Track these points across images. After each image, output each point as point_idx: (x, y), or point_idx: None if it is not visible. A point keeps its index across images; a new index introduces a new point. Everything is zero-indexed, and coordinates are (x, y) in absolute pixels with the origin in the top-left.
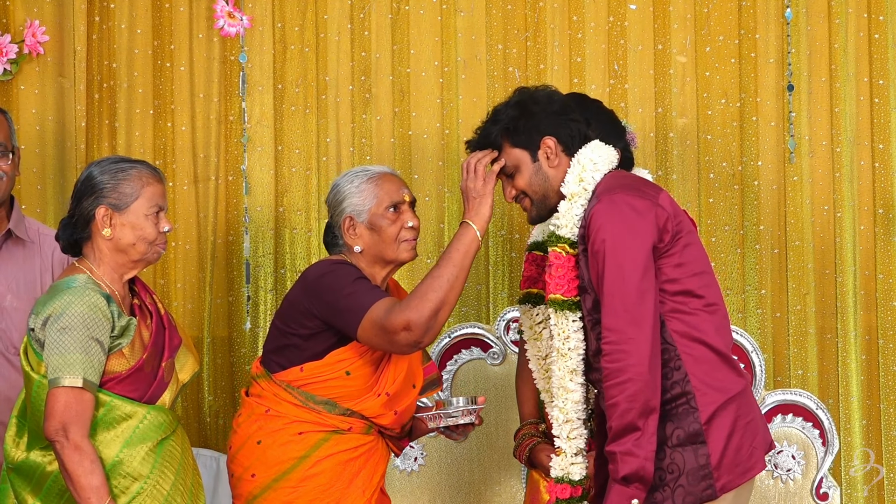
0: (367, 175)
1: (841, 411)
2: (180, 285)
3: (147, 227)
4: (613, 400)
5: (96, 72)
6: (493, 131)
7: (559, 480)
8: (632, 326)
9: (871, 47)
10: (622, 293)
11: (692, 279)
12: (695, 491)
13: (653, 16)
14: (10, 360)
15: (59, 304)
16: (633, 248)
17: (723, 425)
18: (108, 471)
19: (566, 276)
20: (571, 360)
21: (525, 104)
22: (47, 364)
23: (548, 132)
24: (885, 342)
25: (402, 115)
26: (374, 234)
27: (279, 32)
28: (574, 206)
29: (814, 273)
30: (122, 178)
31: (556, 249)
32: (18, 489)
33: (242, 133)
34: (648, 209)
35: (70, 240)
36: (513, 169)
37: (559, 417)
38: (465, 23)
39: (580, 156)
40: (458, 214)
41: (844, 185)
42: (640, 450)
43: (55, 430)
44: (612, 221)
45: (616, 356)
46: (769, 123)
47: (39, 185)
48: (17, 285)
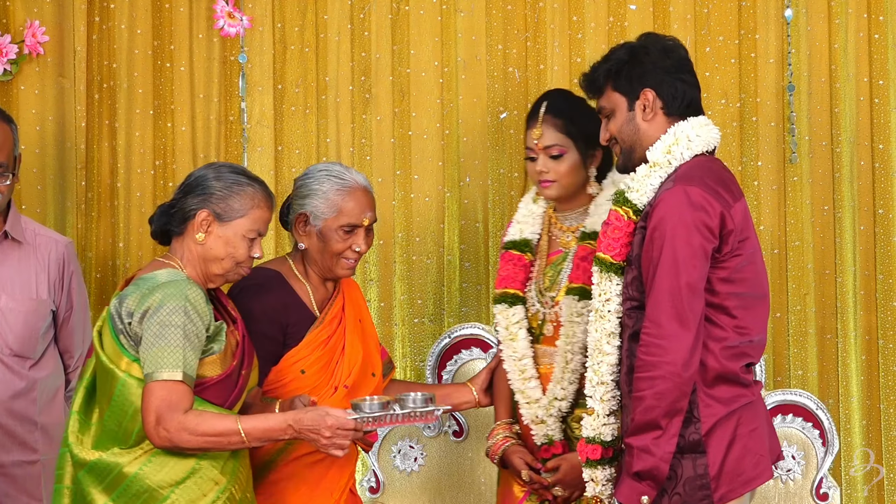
0: (339, 184)
1: (841, 411)
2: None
3: (241, 247)
4: (641, 393)
5: (96, 72)
6: (600, 70)
7: (591, 441)
8: (675, 323)
9: (871, 47)
10: (673, 288)
11: (732, 298)
12: (691, 500)
13: (653, 16)
14: (6, 361)
15: (159, 298)
16: (695, 248)
17: (723, 436)
18: (189, 474)
19: (621, 240)
20: (610, 322)
21: (637, 51)
22: (144, 358)
23: (650, 84)
24: (885, 342)
25: (402, 115)
26: (320, 242)
27: (279, 32)
28: (652, 176)
29: (814, 273)
30: (236, 191)
31: (620, 211)
32: (88, 487)
33: (242, 133)
34: (717, 213)
35: (163, 228)
36: (609, 112)
37: (593, 379)
38: (465, 23)
39: (679, 127)
40: (458, 214)
41: (844, 185)
42: (658, 449)
43: (153, 425)
44: (681, 214)
45: (652, 349)
46: (769, 123)
47: (39, 186)
48: (11, 286)
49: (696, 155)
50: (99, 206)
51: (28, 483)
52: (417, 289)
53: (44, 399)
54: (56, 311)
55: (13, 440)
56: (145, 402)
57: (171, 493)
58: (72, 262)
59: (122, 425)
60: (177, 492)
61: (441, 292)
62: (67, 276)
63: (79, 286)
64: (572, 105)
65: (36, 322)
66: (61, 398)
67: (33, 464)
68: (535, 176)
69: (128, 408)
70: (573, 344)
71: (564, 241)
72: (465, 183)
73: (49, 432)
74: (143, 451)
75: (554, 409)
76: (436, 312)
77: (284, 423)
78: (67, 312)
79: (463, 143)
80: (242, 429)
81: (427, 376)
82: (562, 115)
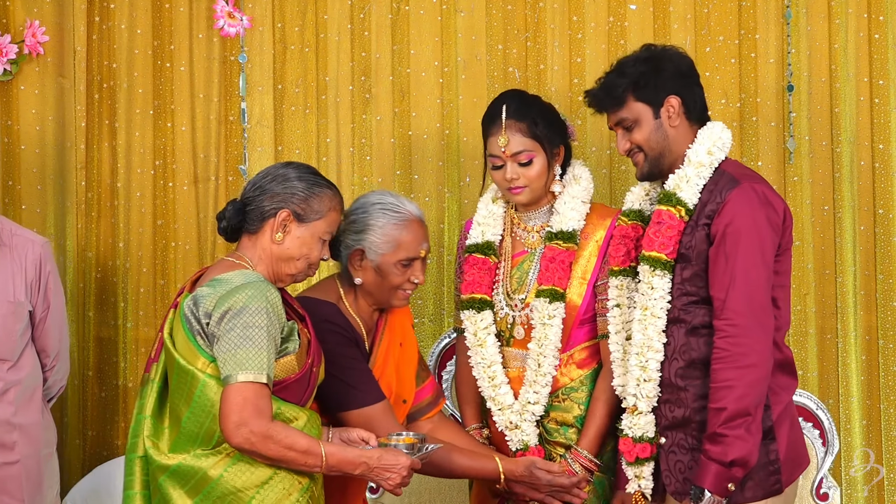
0: (396, 217)
1: (841, 411)
2: (180, 285)
3: (315, 249)
4: (730, 383)
5: (96, 72)
6: (619, 84)
7: (639, 440)
8: (760, 315)
9: (871, 47)
10: (754, 281)
11: (779, 290)
12: (765, 485)
13: (653, 16)
14: None
15: (241, 299)
16: (768, 243)
17: (787, 424)
18: (273, 474)
19: (673, 238)
20: (661, 319)
21: (656, 60)
22: (226, 359)
23: (674, 91)
24: (885, 342)
25: (402, 115)
26: (377, 276)
27: (279, 32)
28: (699, 176)
29: (814, 273)
30: (317, 192)
31: (672, 210)
32: (170, 491)
33: (242, 133)
34: (782, 209)
35: (236, 225)
36: (632, 122)
37: (641, 376)
38: (465, 23)
39: (712, 131)
40: (458, 214)
41: (844, 185)
42: (751, 436)
43: (234, 428)
44: (754, 210)
45: (740, 339)
46: (769, 123)
47: (39, 186)
48: None
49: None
50: (99, 206)
51: (8, 484)
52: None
53: (22, 400)
54: (33, 312)
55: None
56: (228, 402)
57: (257, 493)
58: (48, 263)
59: (205, 426)
60: (262, 492)
61: (441, 292)
62: (45, 277)
63: (55, 286)
64: (532, 106)
65: (13, 325)
66: (39, 398)
67: (13, 464)
68: (505, 184)
69: (210, 408)
70: (545, 346)
71: (529, 241)
72: (465, 183)
73: (28, 432)
74: (227, 452)
75: (528, 413)
76: (436, 312)
77: (360, 459)
78: (44, 312)
79: (463, 143)
80: (324, 453)
81: None
82: (525, 118)
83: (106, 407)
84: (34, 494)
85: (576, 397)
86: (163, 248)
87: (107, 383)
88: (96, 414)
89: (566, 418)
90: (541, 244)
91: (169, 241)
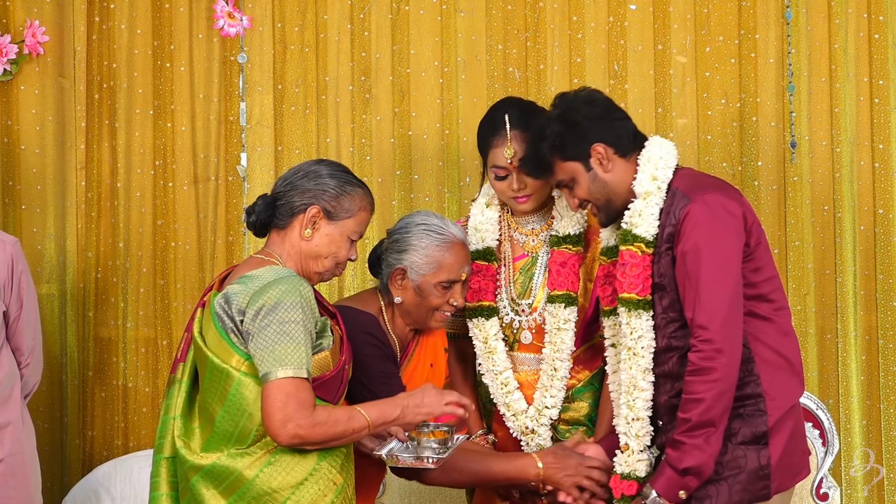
0: (439, 240)
1: (841, 411)
2: (180, 285)
3: (344, 248)
4: (699, 395)
5: (96, 72)
6: (543, 150)
7: (626, 477)
8: (727, 327)
9: (871, 47)
10: (720, 294)
11: (765, 283)
12: (752, 489)
13: (653, 16)
14: None
15: (274, 295)
16: (729, 251)
17: (785, 430)
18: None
19: (641, 275)
20: (644, 358)
21: (566, 116)
22: (263, 356)
23: (595, 139)
24: (885, 342)
25: (402, 115)
26: (417, 297)
27: (279, 32)
28: (650, 206)
29: (814, 273)
30: (348, 190)
31: (632, 249)
32: (203, 491)
33: (242, 133)
34: (739, 212)
35: (266, 220)
36: (570, 182)
37: (628, 415)
38: (465, 23)
39: (649, 153)
40: (458, 214)
41: (844, 185)
42: (709, 447)
43: (280, 425)
44: (709, 223)
45: (710, 354)
46: (769, 123)
47: (39, 186)
48: None
49: (675, 169)
50: (99, 206)
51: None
52: None
53: (1, 399)
54: (7, 312)
55: None
56: (271, 399)
57: (292, 494)
58: (20, 262)
59: (240, 425)
60: (297, 493)
61: None
62: (17, 276)
63: (28, 285)
64: (533, 114)
65: None
66: (18, 396)
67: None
68: (510, 193)
69: (245, 407)
70: (561, 351)
71: (529, 244)
72: (465, 183)
73: (10, 431)
74: (262, 452)
75: (544, 418)
76: None
77: (395, 403)
78: (18, 312)
79: (463, 144)
80: (363, 411)
81: None
82: (529, 128)
83: (106, 407)
84: (21, 493)
85: (585, 396)
86: (163, 248)
87: (107, 383)
88: (96, 414)
89: (577, 418)
90: (542, 247)
91: (169, 241)
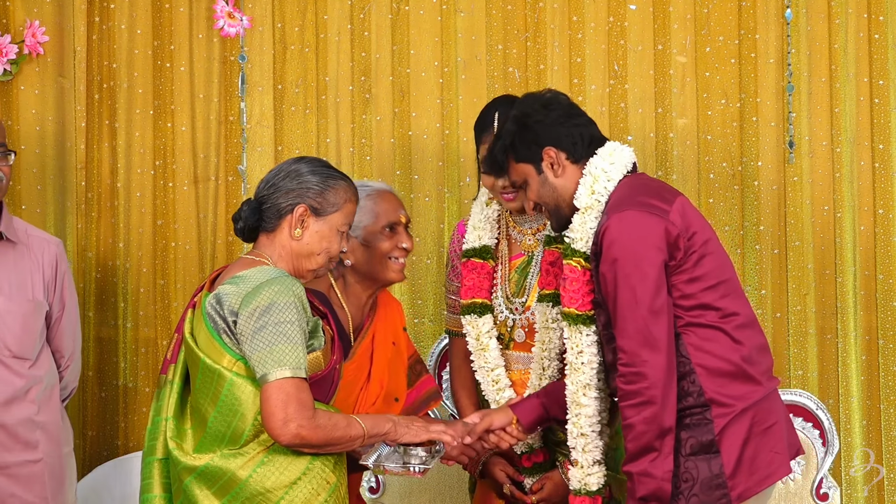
0: (366, 191)
1: (841, 411)
2: (180, 285)
3: (335, 241)
4: (629, 421)
5: (96, 72)
6: (499, 149)
7: (577, 493)
8: (645, 349)
9: (871, 47)
10: (634, 316)
11: (707, 293)
12: (709, 500)
13: (653, 16)
14: (5, 362)
15: (267, 295)
16: (643, 269)
17: (737, 434)
18: (302, 475)
19: (580, 290)
20: (584, 374)
21: (521, 118)
22: (259, 359)
23: (547, 142)
24: (885, 342)
25: (402, 115)
26: (367, 250)
27: (279, 32)
28: (587, 220)
29: (814, 273)
30: (331, 184)
31: (572, 263)
32: (196, 492)
33: (242, 133)
34: (657, 225)
35: (253, 225)
36: (522, 182)
37: (573, 431)
38: (465, 23)
39: (591, 166)
40: (458, 214)
41: (844, 185)
42: (657, 470)
43: (282, 425)
44: (621, 241)
45: (631, 378)
46: (769, 123)
47: (39, 186)
48: (9, 287)
49: (625, 177)
50: (99, 206)
51: (32, 482)
52: (417, 289)
53: (42, 399)
54: (49, 312)
55: (15, 440)
56: (271, 401)
57: (286, 494)
58: (63, 263)
59: (232, 425)
60: (291, 493)
61: (441, 293)
62: (60, 277)
63: (70, 286)
64: None
65: (34, 323)
66: (57, 397)
67: (36, 463)
68: (498, 189)
69: (238, 407)
70: (549, 350)
71: (526, 244)
72: (465, 183)
73: (49, 431)
74: (255, 452)
75: None
76: (436, 312)
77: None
78: (60, 312)
79: (463, 144)
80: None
81: None
82: None
83: (106, 407)
84: (56, 493)
85: None
86: (163, 248)
87: (107, 383)
88: (96, 414)
89: None
90: (538, 247)
91: (169, 241)
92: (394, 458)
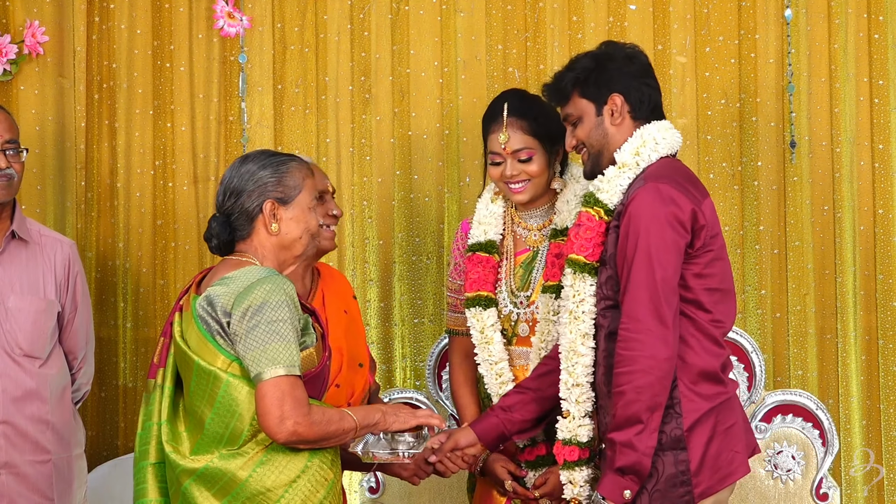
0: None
1: (841, 412)
2: (180, 285)
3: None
4: (621, 388)
5: (96, 72)
6: (566, 79)
7: (567, 442)
8: (654, 319)
9: (871, 47)
10: (649, 282)
11: (707, 293)
12: (672, 497)
13: (653, 16)
14: (17, 360)
15: (259, 294)
16: (668, 243)
17: (703, 432)
18: (301, 473)
19: (593, 239)
20: (584, 323)
21: (605, 57)
22: (253, 358)
23: (617, 89)
24: (885, 342)
25: (402, 115)
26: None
27: (279, 33)
28: (621, 176)
29: (814, 273)
30: (284, 171)
31: (591, 211)
32: (195, 494)
33: (242, 133)
34: (689, 209)
35: (228, 239)
36: (576, 119)
37: (568, 381)
38: (465, 23)
39: (646, 130)
40: (458, 214)
41: (844, 185)
42: (640, 444)
43: (278, 423)
44: (654, 210)
45: (632, 344)
46: (769, 123)
47: (39, 186)
48: (20, 286)
49: (662, 157)
50: (99, 206)
51: (40, 482)
52: (417, 289)
53: (53, 398)
54: (61, 313)
55: (25, 440)
56: (266, 399)
57: (286, 492)
58: (76, 263)
59: (230, 426)
60: (290, 491)
61: (441, 292)
62: (72, 277)
63: (83, 288)
64: (533, 104)
65: (45, 322)
66: (69, 397)
67: (45, 463)
68: (504, 180)
69: (235, 408)
70: (548, 342)
71: (531, 239)
72: (465, 183)
73: (59, 432)
74: (254, 452)
75: None
76: (436, 312)
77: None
78: (72, 313)
79: (463, 143)
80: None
81: (427, 376)
82: (525, 117)
83: (106, 407)
84: (64, 494)
85: None
86: (162, 248)
87: (107, 383)
88: (96, 414)
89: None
90: (544, 242)
91: (169, 241)
92: (380, 444)
